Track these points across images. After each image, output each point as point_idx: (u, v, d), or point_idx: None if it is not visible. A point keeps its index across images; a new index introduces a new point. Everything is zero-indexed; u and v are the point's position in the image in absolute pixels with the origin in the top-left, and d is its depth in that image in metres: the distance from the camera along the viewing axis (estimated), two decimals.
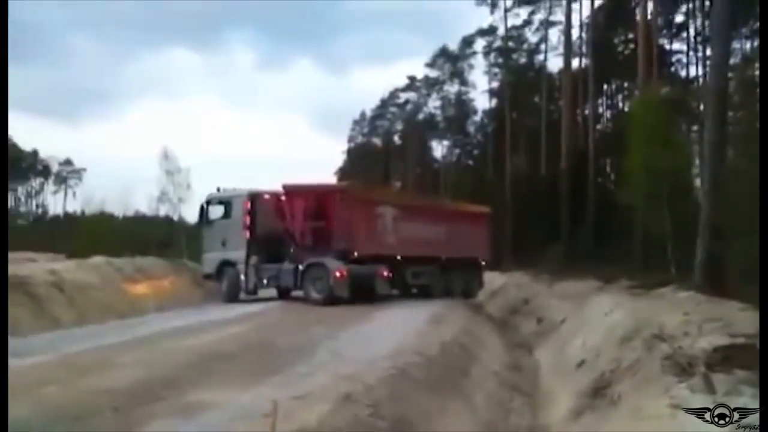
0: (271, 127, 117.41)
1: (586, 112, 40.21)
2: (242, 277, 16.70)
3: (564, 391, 8.62)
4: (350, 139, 72.63)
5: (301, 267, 15.92)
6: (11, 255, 20.48)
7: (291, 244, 16.63)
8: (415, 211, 18.35)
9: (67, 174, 73.11)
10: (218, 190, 18.11)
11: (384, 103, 65.62)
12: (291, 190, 16.90)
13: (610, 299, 12.27)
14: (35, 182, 72.20)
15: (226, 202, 17.51)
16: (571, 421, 6.89)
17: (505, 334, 15.37)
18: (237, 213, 17.15)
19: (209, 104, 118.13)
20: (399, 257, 16.88)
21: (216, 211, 17.73)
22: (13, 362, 7.76)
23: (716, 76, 12.94)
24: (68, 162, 71.82)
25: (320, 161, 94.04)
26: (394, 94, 63.43)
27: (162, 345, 9.07)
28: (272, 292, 17.68)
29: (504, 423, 7.80)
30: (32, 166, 70.76)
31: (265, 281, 16.72)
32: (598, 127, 40.40)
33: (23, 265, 15.92)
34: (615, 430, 5.39)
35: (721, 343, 6.30)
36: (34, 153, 70.24)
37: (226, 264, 17.07)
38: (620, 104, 45.41)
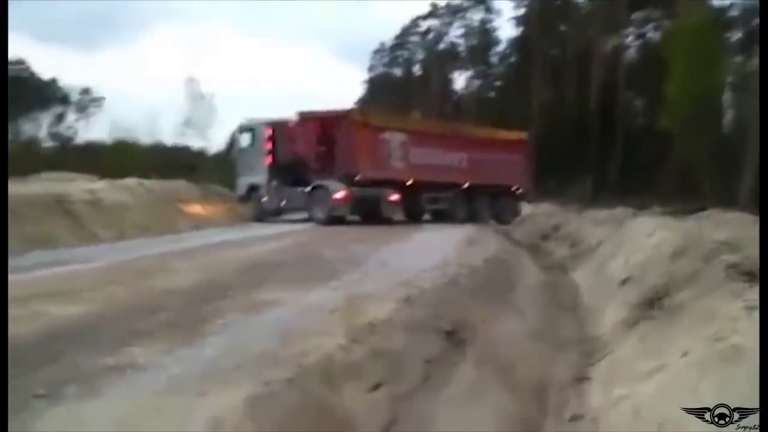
0: (291, 56, 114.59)
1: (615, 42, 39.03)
2: (264, 199, 17.86)
3: (611, 305, 8.59)
4: (370, 69, 71.18)
5: (307, 189, 16.71)
6: (52, 174, 21.13)
7: (306, 169, 17.41)
8: (428, 137, 18.69)
9: (86, 103, 72.77)
10: (249, 119, 19.37)
11: (405, 32, 63.62)
12: (304, 117, 17.88)
13: (651, 221, 12.02)
14: (56, 110, 71.98)
15: (252, 130, 18.84)
16: (626, 330, 6.87)
17: (539, 258, 15.33)
18: (260, 140, 18.37)
19: (227, 32, 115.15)
20: (410, 182, 17.25)
21: (245, 139, 19.17)
22: (67, 267, 7.96)
23: None
24: (86, 91, 71.23)
25: (342, 91, 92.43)
26: (415, 22, 61.50)
27: (211, 255, 9.20)
28: (303, 215, 18.02)
29: (555, 334, 7.86)
30: (53, 95, 70.42)
31: (283, 203, 17.72)
32: (626, 58, 39.24)
33: (60, 184, 16.13)
34: (682, 333, 5.31)
35: None
36: (53, 82, 69.70)
37: (253, 187, 18.35)
38: (648, 35, 44.00)
